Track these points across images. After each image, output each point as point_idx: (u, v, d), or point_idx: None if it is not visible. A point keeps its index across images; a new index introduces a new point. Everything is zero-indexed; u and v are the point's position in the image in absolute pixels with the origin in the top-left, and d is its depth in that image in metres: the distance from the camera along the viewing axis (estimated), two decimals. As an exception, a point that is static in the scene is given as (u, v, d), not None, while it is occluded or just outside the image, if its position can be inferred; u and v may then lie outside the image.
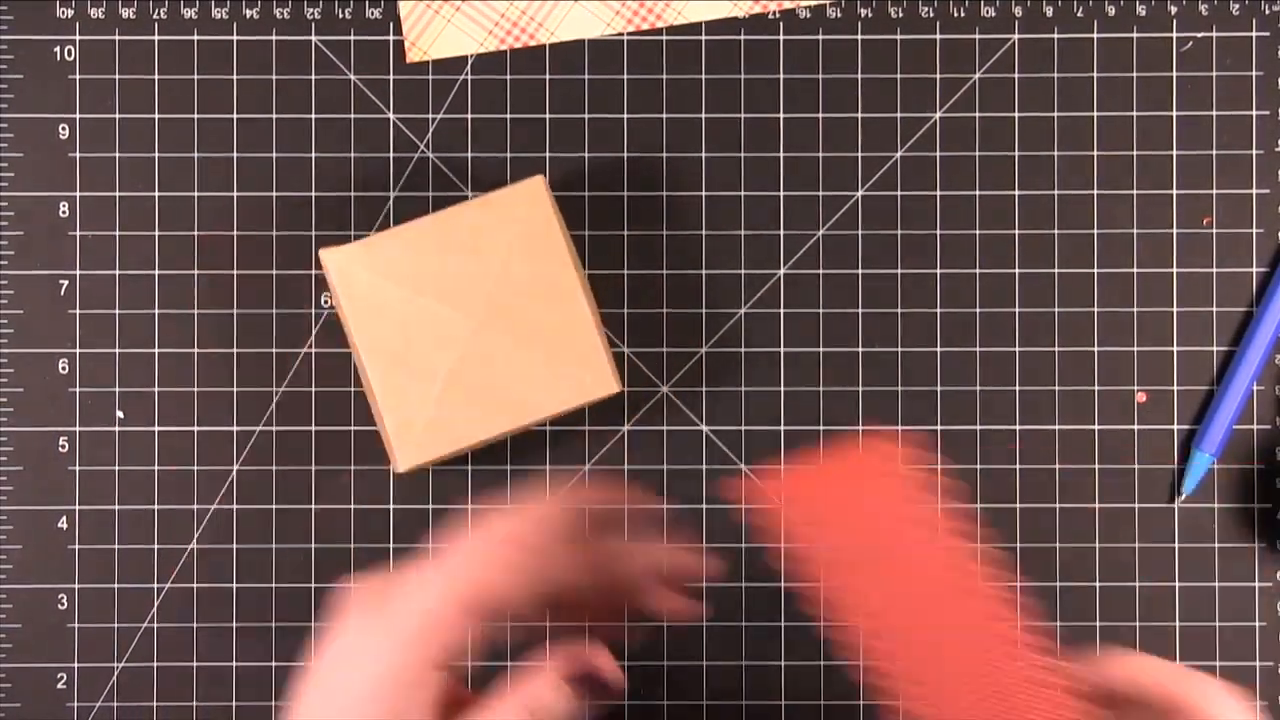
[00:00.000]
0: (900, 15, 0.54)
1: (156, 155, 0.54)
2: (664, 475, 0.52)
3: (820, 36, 0.54)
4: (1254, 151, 0.54)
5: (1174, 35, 0.54)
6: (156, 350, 0.54)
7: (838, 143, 0.54)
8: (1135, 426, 0.54)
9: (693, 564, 0.45)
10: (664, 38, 0.54)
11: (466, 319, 0.49)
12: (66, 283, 0.54)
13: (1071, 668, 0.39)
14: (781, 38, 0.54)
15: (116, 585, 0.53)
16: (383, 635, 0.37)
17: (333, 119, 0.54)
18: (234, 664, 0.53)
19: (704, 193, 0.54)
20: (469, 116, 0.54)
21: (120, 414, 0.54)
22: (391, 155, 0.54)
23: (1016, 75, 0.54)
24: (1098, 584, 0.54)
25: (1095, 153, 0.54)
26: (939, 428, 0.54)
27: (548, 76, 0.54)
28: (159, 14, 0.54)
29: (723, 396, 0.54)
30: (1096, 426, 0.54)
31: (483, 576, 0.38)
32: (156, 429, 0.54)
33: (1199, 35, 0.54)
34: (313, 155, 0.54)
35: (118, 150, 0.54)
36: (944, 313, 0.54)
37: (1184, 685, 0.40)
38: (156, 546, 0.53)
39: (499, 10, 0.54)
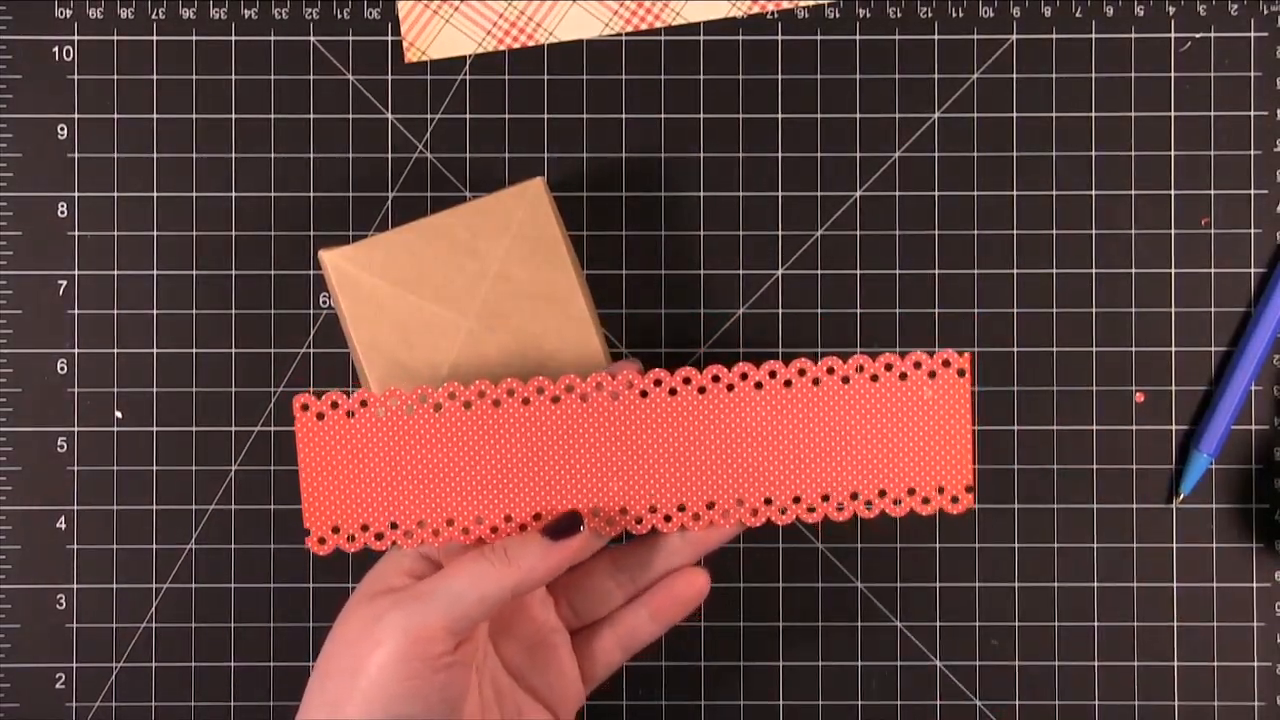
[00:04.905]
0: (898, 15, 0.54)
1: (155, 155, 0.54)
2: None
3: (818, 37, 0.54)
4: (1252, 152, 0.54)
5: (1172, 36, 0.54)
6: (155, 350, 0.54)
7: (836, 143, 0.54)
8: (1133, 427, 0.54)
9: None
10: (662, 38, 0.54)
11: (465, 320, 0.49)
12: (65, 283, 0.54)
13: None
14: (780, 38, 0.54)
15: (115, 585, 0.53)
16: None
17: (331, 119, 0.54)
18: (232, 664, 0.53)
19: (702, 193, 0.54)
20: (467, 117, 0.54)
21: (119, 414, 0.54)
22: (390, 155, 0.54)
23: (1015, 75, 0.54)
24: (1095, 584, 0.54)
25: (1093, 153, 0.54)
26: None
27: (546, 77, 0.54)
28: (157, 14, 0.54)
29: (721, 397, 0.54)
30: (1094, 427, 0.54)
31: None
32: (155, 429, 0.54)
33: (1197, 36, 0.54)
34: (311, 155, 0.54)
35: (116, 150, 0.54)
36: (942, 313, 0.54)
37: None
38: (155, 546, 0.54)
39: (497, 10, 0.54)
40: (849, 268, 0.54)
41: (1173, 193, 0.54)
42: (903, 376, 0.45)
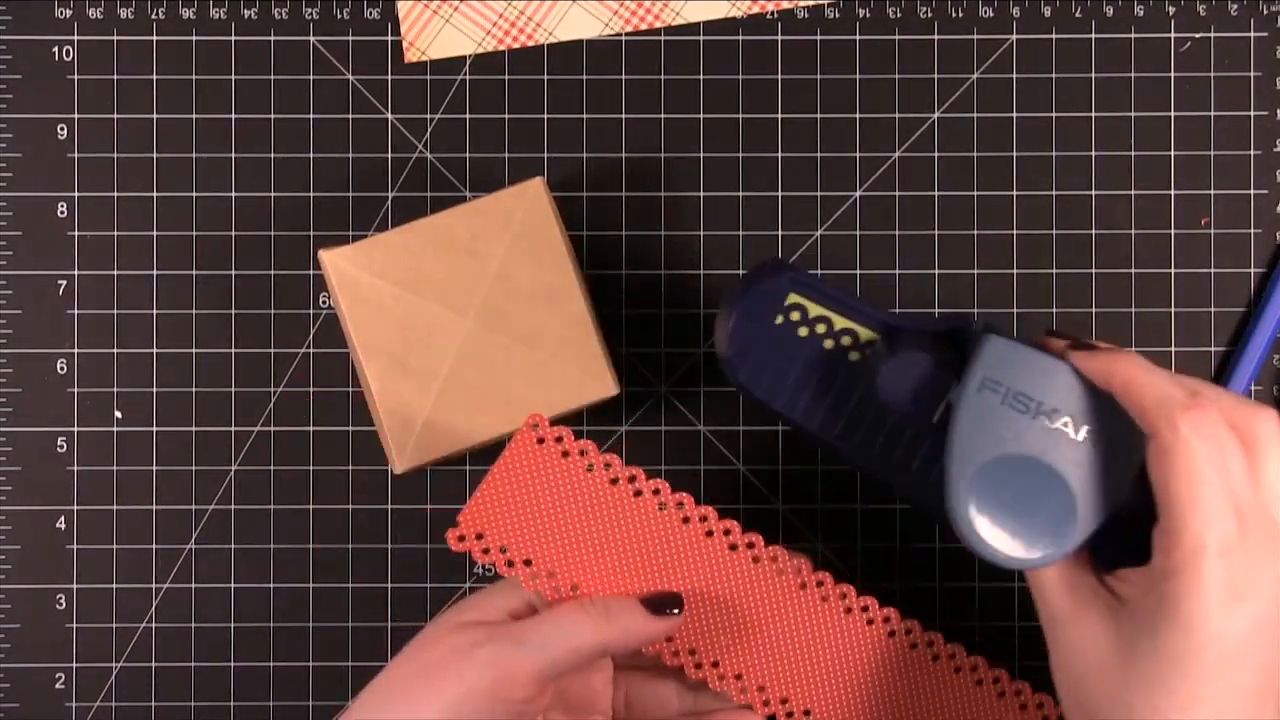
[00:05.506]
0: (898, 15, 0.54)
1: (155, 155, 0.54)
2: (661, 475, 0.52)
3: (818, 37, 0.54)
4: (1252, 152, 0.54)
5: (1172, 36, 0.54)
6: (155, 350, 0.54)
7: (836, 143, 0.54)
8: (1133, 427, 0.54)
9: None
10: (662, 38, 0.54)
11: (465, 320, 0.49)
12: (65, 283, 0.54)
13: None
14: (780, 38, 0.54)
15: (115, 585, 0.53)
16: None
17: (331, 119, 0.54)
18: (232, 664, 0.53)
19: (702, 193, 0.54)
20: (467, 117, 0.54)
21: (118, 414, 0.54)
22: (390, 155, 0.54)
23: (1015, 75, 0.54)
24: (1096, 584, 0.54)
25: (1093, 153, 0.54)
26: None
27: (546, 77, 0.54)
28: (157, 14, 0.54)
29: (721, 397, 0.54)
30: (1095, 427, 0.54)
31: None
32: (155, 429, 0.54)
33: (1197, 36, 0.54)
34: (311, 155, 0.54)
35: (116, 150, 0.54)
36: (941, 313, 0.54)
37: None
38: (155, 546, 0.54)
39: (497, 10, 0.54)
40: (849, 268, 0.54)
41: (1173, 193, 0.54)
42: (1001, 695, 0.47)
